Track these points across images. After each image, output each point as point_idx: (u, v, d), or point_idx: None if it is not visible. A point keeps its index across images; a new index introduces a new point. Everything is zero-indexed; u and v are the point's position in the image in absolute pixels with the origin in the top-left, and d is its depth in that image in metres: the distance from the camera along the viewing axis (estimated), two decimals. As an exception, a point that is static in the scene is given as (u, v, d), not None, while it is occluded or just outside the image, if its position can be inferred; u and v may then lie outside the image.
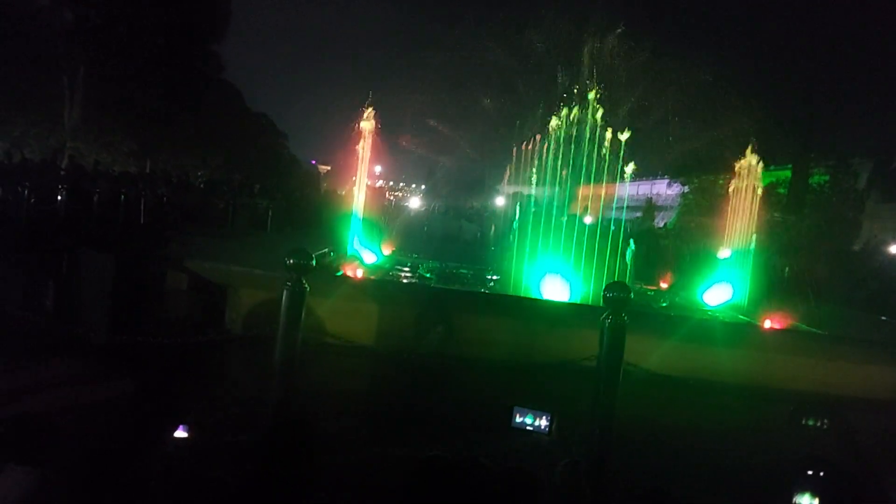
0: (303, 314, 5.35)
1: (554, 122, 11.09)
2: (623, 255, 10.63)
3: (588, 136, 11.16)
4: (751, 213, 12.41)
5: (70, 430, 5.09)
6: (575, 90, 11.32)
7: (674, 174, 33.90)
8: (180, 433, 3.76)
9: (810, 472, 3.73)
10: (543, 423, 4.22)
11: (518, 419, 4.24)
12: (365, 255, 11.86)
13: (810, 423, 4.48)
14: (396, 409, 6.22)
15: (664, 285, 14.06)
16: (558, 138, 11.16)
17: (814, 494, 3.66)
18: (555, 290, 10.03)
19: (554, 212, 10.88)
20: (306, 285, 5.33)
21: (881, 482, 4.57)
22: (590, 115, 11.06)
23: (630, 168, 10.88)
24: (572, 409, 5.14)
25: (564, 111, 11.05)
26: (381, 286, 9.57)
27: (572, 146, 11.19)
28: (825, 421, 4.47)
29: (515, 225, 11.22)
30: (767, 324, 9.28)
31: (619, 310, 5.23)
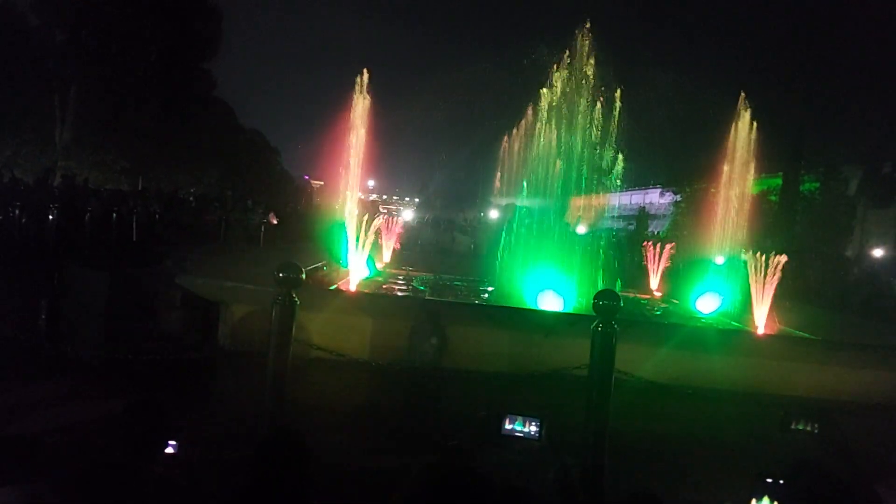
0: (293, 328, 5.36)
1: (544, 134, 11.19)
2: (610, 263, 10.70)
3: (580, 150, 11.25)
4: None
5: (63, 448, 5.08)
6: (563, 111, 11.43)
7: (666, 183, 34.11)
8: (173, 450, 3.75)
9: (802, 479, 3.73)
10: (533, 429, 4.23)
11: (508, 426, 4.25)
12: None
13: (801, 427, 4.49)
14: (390, 422, 6.22)
15: (658, 293, 14.11)
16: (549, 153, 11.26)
17: (806, 500, 3.66)
18: (548, 299, 10.06)
19: (548, 222, 10.94)
20: (296, 299, 5.35)
21: (874, 487, 4.58)
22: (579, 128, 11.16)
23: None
24: (566, 418, 5.15)
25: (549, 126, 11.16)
26: (373, 299, 9.58)
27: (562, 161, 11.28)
28: (815, 425, 4.49)
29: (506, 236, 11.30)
30: (760, 330, 9.32)
31: (610, 318, 5.25)
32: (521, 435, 4.24)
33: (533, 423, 4.23)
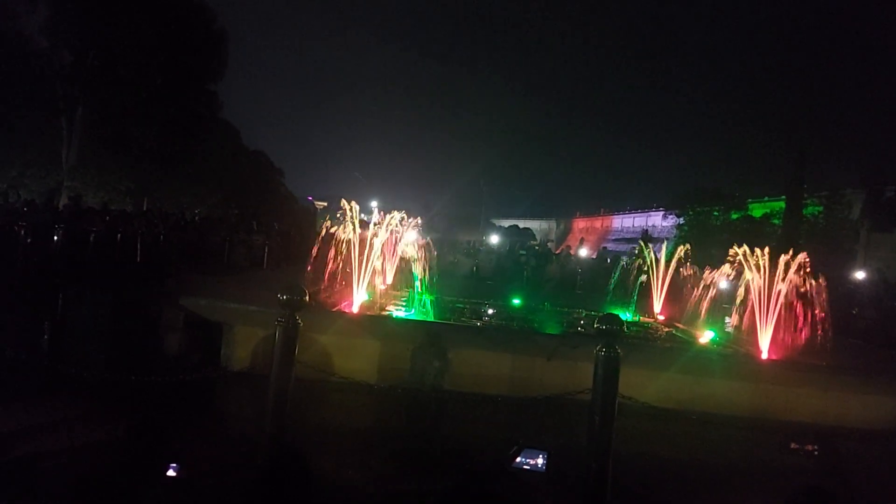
0: (296, 350, 5.36)
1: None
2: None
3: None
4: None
5: (64, 470, 5.07)
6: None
7: (669, 205, 34.20)
8: (175, 472, 3.74)
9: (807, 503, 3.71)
10: (540, 461, 4.22)
11: (516, 459, 4.25)
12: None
13: (801, 450, 4.47)
14: (393, 446, 6.19)
15: (662, 317, 14.05)
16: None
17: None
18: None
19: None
20: (300, 321, 5.35)
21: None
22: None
23: None
24: (569, 444, 5.12)
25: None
26: (376, 321, 9.56)
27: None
28: (816, 447, 4.47)
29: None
30: (765, 354, 9.27)
31: (613, 342, 5.24)
32: (529, 468, 4.24)
33: (540, 456, 4.23)
